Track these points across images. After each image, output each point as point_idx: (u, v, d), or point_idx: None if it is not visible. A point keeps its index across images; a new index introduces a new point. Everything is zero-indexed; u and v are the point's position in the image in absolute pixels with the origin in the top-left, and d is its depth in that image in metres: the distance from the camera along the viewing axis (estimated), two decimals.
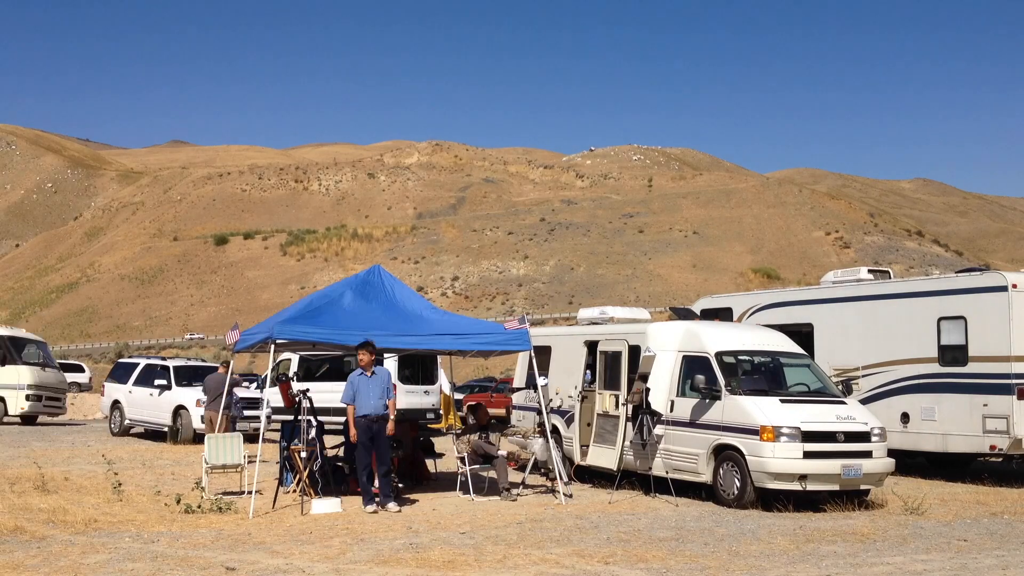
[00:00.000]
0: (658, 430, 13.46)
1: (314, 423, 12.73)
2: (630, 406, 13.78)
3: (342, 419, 13.53)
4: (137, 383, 24.18)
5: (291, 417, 13.45)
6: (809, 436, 12.30)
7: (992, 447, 14.94)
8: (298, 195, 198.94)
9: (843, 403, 13.21)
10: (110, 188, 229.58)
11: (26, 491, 13.18)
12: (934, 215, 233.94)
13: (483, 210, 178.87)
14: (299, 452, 12.74)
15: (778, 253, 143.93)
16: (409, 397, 22.51)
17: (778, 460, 12.18)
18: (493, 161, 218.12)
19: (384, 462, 12.20)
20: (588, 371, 15.46)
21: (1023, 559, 9.36)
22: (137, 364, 25.27)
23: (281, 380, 16.31)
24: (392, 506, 12.06)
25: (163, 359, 25.62)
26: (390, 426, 12.24)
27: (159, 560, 8.80)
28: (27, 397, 26.86)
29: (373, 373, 12.22)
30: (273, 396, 19.60)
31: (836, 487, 12.52)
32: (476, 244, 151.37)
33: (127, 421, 24.50)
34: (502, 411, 27.82)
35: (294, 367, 23.60)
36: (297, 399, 12.82)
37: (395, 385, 17.87)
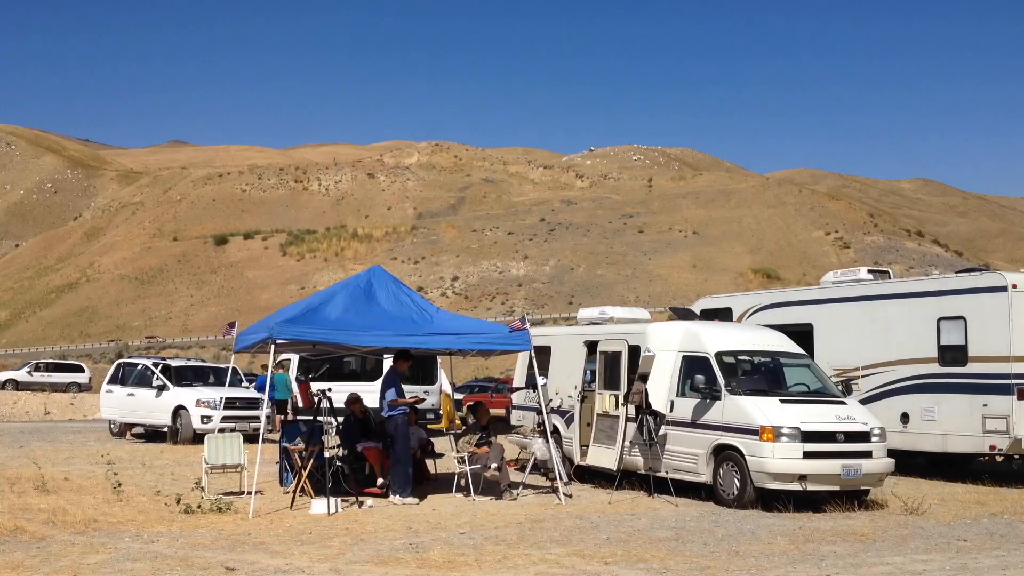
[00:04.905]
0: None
1: (334, 423, 12.78)
2: (631, 406, 13.78)
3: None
4: (137, 383, 24.17)
5: (311, 416, 13.50)
6: (809, 436, 12.31)
7: (992, 447, 14.95)
8: (298, 195, 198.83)
9: (843, 403, 13.21)
10: (110, 188, 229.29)
11: (26, 491, 13.19)
12: (934, 215, 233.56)
13: (483, 210, 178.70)
14: (298, 452, 12.75)
15: (778, 253, 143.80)
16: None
17: (778, 460, 12.19)
18: (493, 161, 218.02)
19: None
20: (588, 371, 15.46)
21: (1023, 559, 9.36)
22: (137, 364, 25.28)
23: (300, 381, 16.29)
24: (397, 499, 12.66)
25: (163, 359, 25.65)
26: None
27: (159, 560, 8.80)
28: None
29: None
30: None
31: (836, 487, 12.52)
32: (476, 244, 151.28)
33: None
34: (502, 411, 27.83)
35: (294, 367, 23.56)
36: (317, 399, 12.86)
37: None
